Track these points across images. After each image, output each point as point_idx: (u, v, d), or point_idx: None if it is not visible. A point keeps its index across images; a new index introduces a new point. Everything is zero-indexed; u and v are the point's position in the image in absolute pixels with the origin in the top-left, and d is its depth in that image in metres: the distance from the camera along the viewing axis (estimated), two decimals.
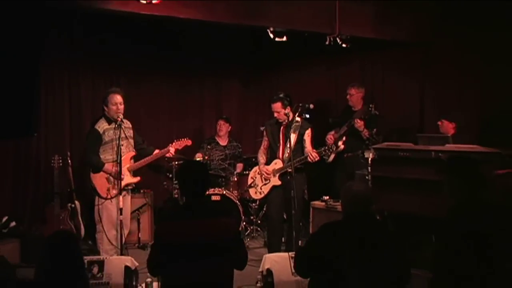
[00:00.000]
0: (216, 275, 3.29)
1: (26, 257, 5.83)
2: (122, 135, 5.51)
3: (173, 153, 5.94)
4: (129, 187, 5.85)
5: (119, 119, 5.50)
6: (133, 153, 5.79)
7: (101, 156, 5.61)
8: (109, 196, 5.59)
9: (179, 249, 3.25)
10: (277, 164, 5.84)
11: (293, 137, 5.70)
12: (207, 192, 6.51)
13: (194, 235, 3.27)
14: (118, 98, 5.58)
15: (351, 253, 3.06)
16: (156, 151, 5.89)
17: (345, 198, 3.38)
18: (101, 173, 5.60)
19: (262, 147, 6.10)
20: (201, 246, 3.24)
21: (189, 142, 6.07)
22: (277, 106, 5.75)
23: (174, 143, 5.92)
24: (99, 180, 5.63)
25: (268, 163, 5.96)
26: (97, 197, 5.68)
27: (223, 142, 7.45)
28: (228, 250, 3.32)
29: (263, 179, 5.98)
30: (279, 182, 5.81)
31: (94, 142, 5.58)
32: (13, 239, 5.93)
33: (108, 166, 5.58)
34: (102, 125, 5.58)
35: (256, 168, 6.21)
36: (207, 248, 3.25)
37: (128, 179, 5.69)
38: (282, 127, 5.83)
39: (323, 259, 3.13)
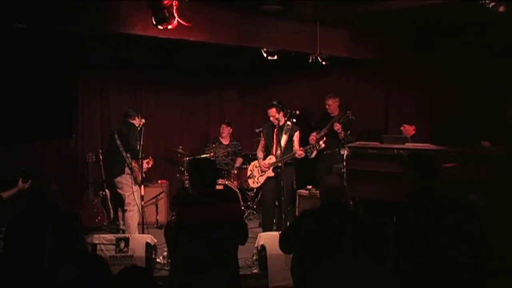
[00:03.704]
0: (224, 249, 3.30)
1: None
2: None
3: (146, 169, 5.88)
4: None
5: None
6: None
7: None
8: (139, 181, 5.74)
9: (195, 228, 3.25)
10: (271, 159, 5.84)
11: (284, 137, 5.72)
12: None
13: (207, 217, 3.27)
14: None
15: (325, 234, 3.08)
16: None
17: (321, 189, 3.38)
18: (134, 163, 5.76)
19: (260, 146, 6.07)
20: (212, 226, 3.24)
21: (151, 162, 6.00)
22: (272, 111, 5.75)
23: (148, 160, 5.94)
24: (136, 167, 5.76)
25: (264, 158, 5.96)
26: (131, 185, 5.77)
27: (225, 141, 7.45)
28: (234, 229, 3.33)
29: (259, 171, 5.98)
30: (273, 174, 5.81)
31: (137, 137, 5.67)
32: None
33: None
34: None
35: (254, 162, 6.21)
36: (217, 227, 3.25)
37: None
38: (275, 129, 5.81)
39: (302, 238, 3.17)
